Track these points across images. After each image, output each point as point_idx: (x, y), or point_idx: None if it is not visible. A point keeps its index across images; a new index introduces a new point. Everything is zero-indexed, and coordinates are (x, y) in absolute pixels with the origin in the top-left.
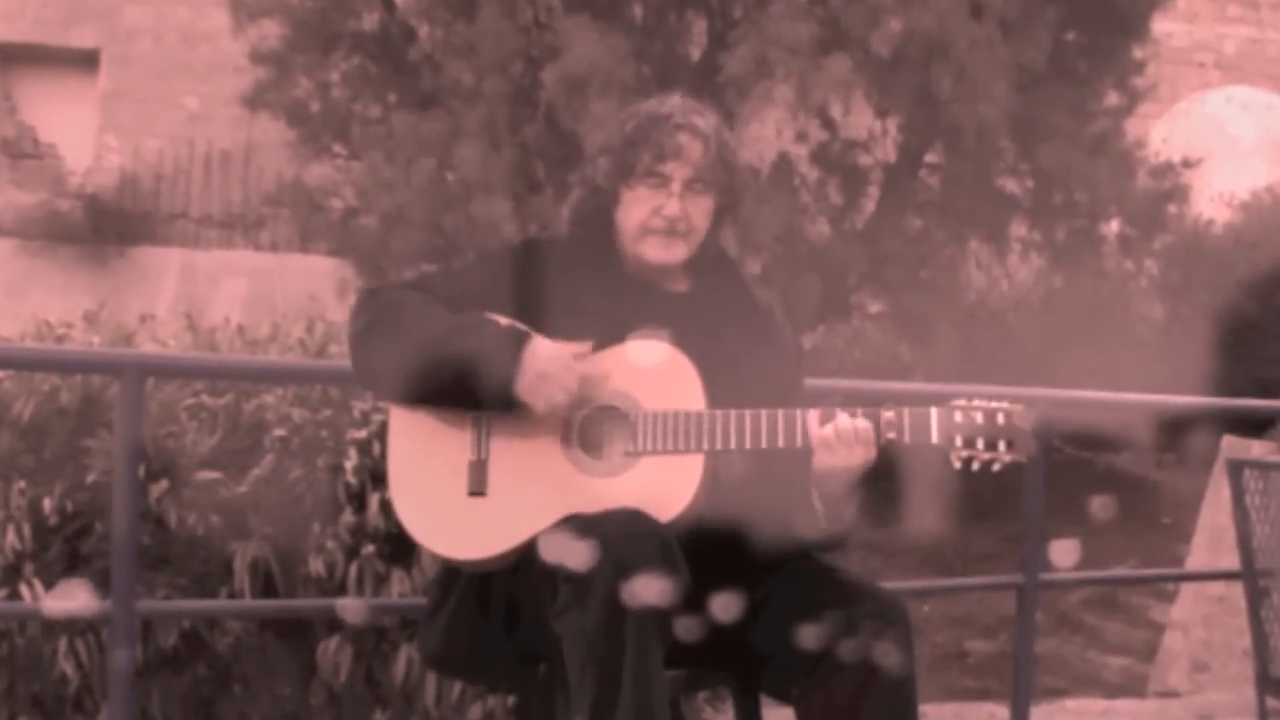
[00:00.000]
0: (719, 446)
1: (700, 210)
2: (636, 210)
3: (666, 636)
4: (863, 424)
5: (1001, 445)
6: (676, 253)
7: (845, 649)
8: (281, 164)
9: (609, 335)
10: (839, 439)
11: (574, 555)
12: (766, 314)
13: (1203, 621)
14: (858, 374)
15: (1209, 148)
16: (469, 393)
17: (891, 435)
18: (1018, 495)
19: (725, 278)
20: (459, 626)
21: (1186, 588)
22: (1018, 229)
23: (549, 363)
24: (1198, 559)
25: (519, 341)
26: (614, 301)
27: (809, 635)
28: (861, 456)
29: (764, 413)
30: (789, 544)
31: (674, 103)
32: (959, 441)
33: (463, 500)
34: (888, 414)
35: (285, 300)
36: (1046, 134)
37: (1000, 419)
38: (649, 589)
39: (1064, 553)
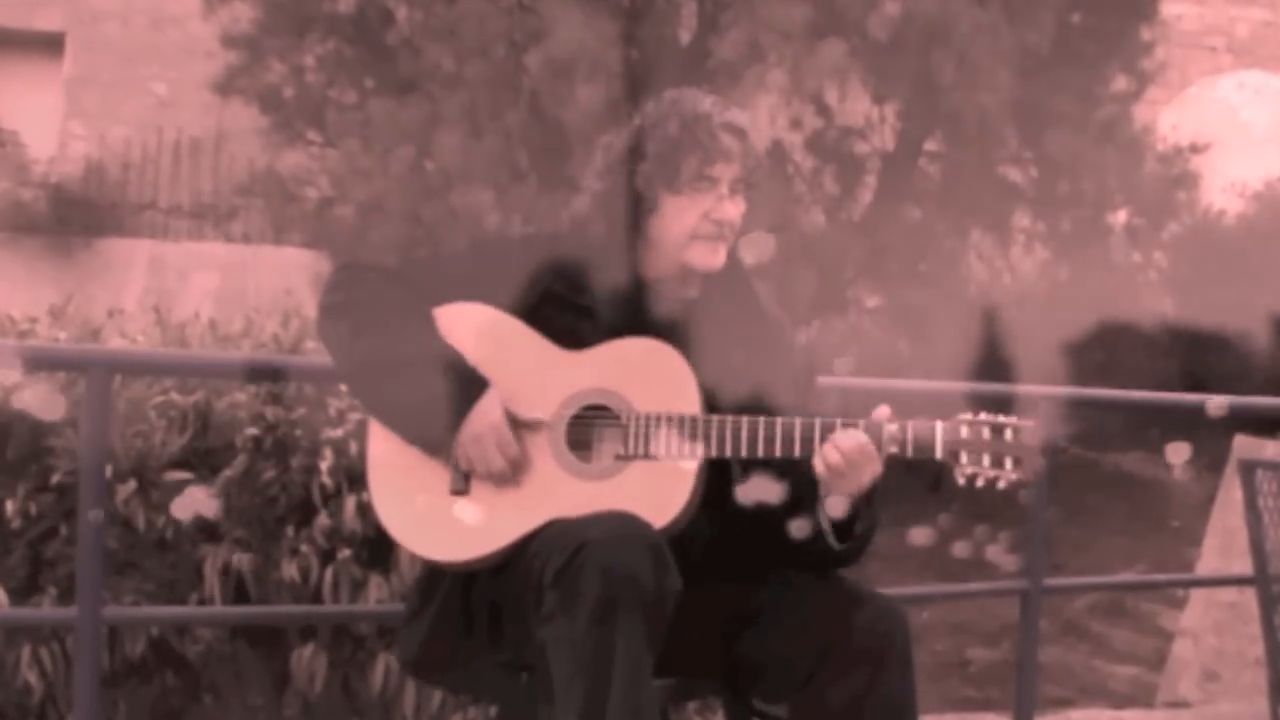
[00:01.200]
0: (714, 453)
1: (741, 211)
2: (684, 217)
3: (658, 644)
4: (865, 440)
5: (1008, 463)
6: (720, 257)
7: (842, 658)
8: (254, 152)
9: (605, 338)
10: (848, 464)
11: (772, 494)
12: (776, 326)
13: (1214, 629)
14: (853, 371)
15: (1220, 135)
16: (406, 425)
17: (894, 450)
18: (1021, 497)
19: (736, 285)
20: (440, 632)
21: (1197, 594)
22: (1021, 219)
23: (490, 429)
24: (1209, 563)
25: (470, 397)
26: (620, 305)
27: (804, 643)
28: (870, 476)
29: (761, 419)
30: (795, 560)
31: (704, 99)
32: (964, 458)
33: (445, 500)
34: (890, 428)
35: (258, 294)
36: (1051, 120)
37: (1008, 435)
38: (766, 489)
39: (1178, 453)
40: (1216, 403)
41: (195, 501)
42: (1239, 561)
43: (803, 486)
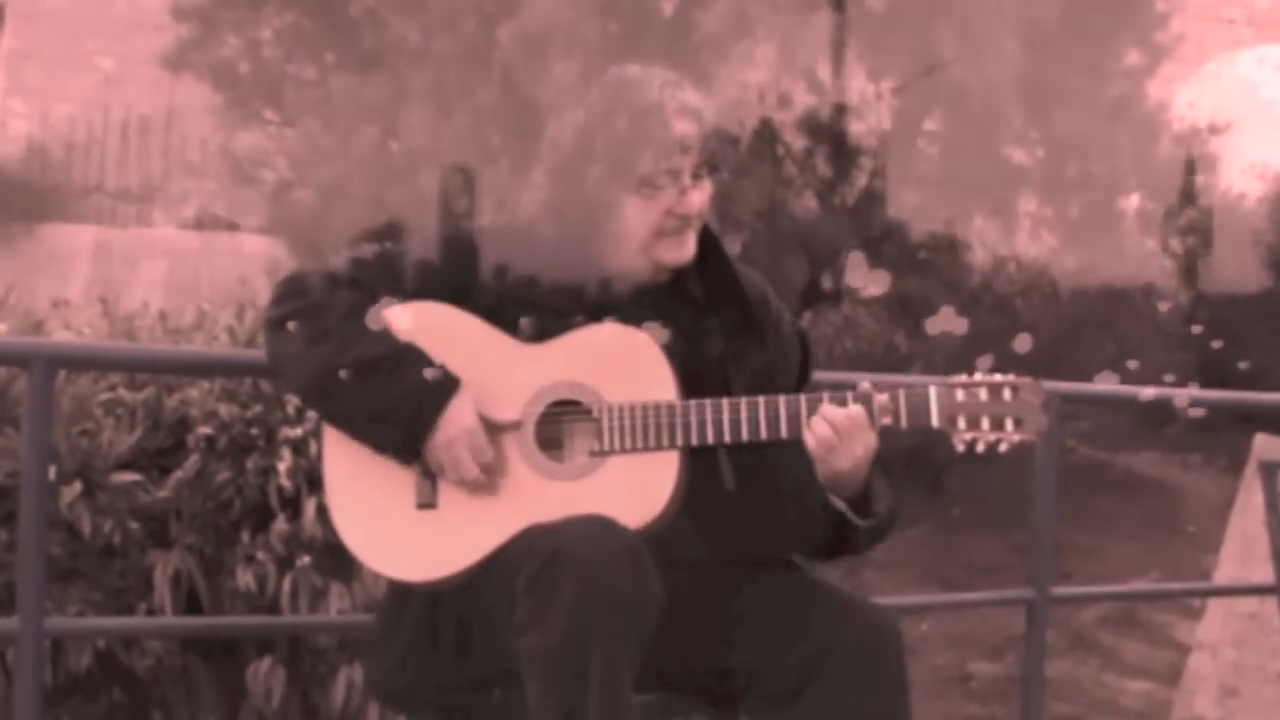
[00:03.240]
0: (695, 441)
1: (705, 195)
2: (646, 216)
3: (638, 656)
4: (855, 409)
5: (1009, 424)
6: (690, 248)
7: (830, 672)
8: (207, 132)
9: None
10: (840, 436)
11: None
12: (760, 305)
13: (1233, 641)
14: (849, 365)
15: (1240, 113)
16: (376, 435)
17: (886, 421)
18: (1026, 500)
19: (712, 264)
20: (411, 657)
21: (1214, 604)
22: (1027, 204)
23: (463, 432)
24: (1227, 571)
25: (442, 397)
26: (586, 296)
27: (790, 656)
28: (863, 447)
29: (743, 400)
30: (810, 544)
31: (652, 83)
32: (962, 423)
33: (411, 515)
34: (880, 397)
35: (211, 283)
36: (1059, 97)
37: (1007, 394)
38: (955, 322)
39: None
40: None
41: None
42: (1259, 569)
43: (800, 468)
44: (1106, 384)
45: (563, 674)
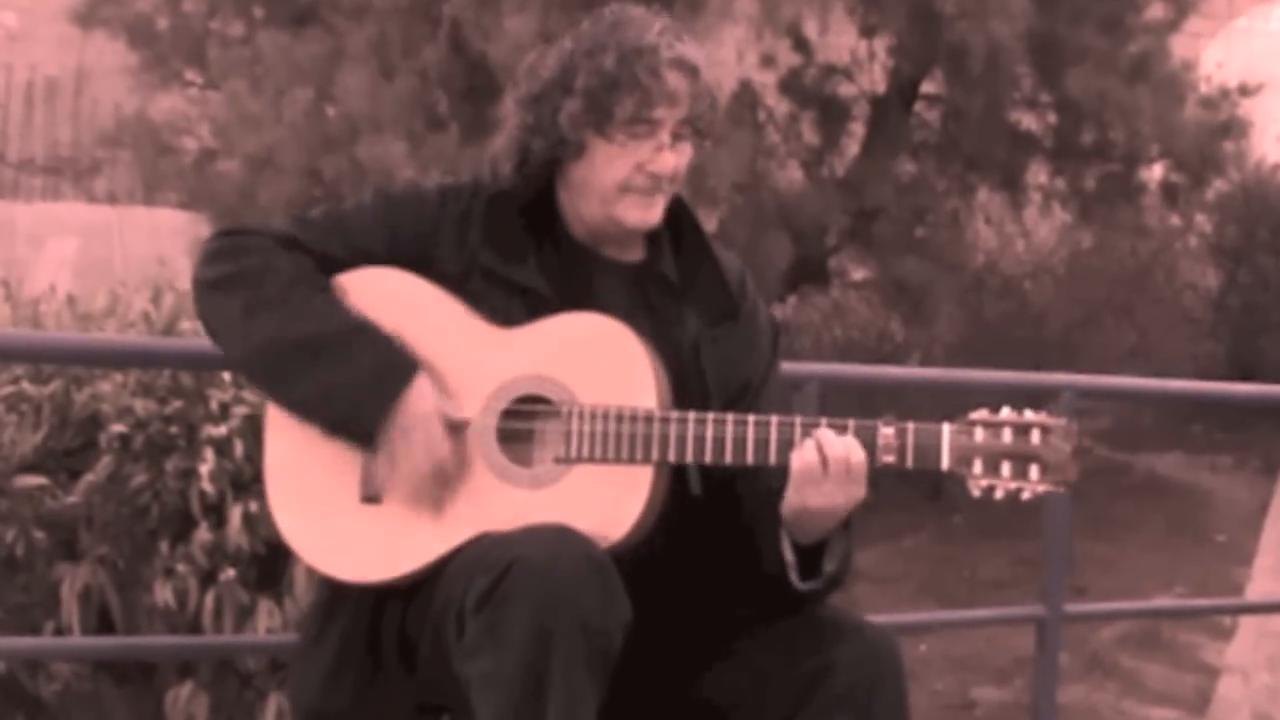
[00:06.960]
0: (672, 458)
1: (684, 161)
2: (614, 166)
3: (602, 684)
4: (856, 456)
5: (1034, 471)
6: (656, 213)
7: (822, 701)
8: (121, 95)
9: (541, 316)
10: (828, 477)
11: None
12: (738, 288)
13: (1267, 664)
14: (838, 355)
15: (1274, 74)
16: (327, 414)
17: (889, 459)
18: (1037, 508)
19: (687, 243)
20: (343, 669)
21: (1246, 622)
22: (1037, 175)
23: (419, 422)
24: (1260, 586)
25: (397, 383)
26: (551, 275)
27: (777, 684)
28: (846, 498)
29: (730, 418)
30: (754, 588)
31: (651, 26)
32: (978, 467)
33: (354, 507)
34: (886, 431)
35: (125, 264)
36: (1073, 56)
37: (1035, 437)
38: None
39: None
40: None
41: None
42: None
43: (767, 503)
44: (1126, 377)
45: (518, 703)
